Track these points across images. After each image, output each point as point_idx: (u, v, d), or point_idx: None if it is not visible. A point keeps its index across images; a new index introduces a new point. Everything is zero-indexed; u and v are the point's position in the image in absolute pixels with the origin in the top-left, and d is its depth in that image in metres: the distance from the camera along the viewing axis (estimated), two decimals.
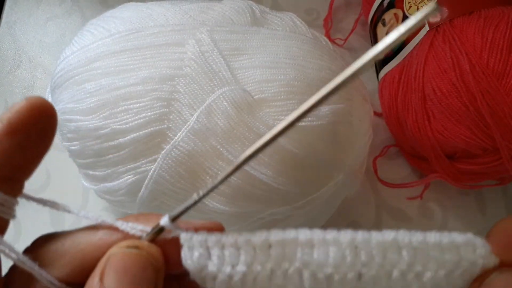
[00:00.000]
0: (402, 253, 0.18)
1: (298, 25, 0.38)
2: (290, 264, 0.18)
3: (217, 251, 0.18)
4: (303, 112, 0.16)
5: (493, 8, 0.40)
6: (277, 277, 0.18)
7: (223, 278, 0.18)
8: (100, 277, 0.16)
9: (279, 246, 0.19)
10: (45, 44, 0.56)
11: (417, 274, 0.18)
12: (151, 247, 0.18)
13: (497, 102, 0.37)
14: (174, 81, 0.33)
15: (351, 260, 0.18)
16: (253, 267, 0.18)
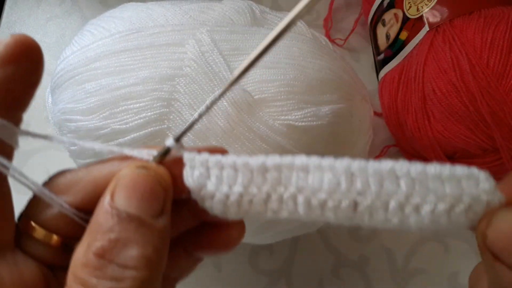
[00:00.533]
0: (400, 183, 0.17)
1: (298, 25, 0.38)
2: (286, 188, 0.18)
3: (216, 171, 0.19)
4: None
5: (493, 8, 0.40)
6: (272, 202, 0.18)
7: (220, 197, 0.18)
8: (111, 195, 0.17)
9: (276, 170, 0.19)
10: (45, 44, 0.56)
11: (415, 207, 0.17)
12: (159, 167, 0.18)
13: (497, 102, 0.37)
14: (174, 81, 0.33)
15: (346, 187, 0.18)
16: (250, 189, 0.18)
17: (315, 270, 0.45)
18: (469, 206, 0.17)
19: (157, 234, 0.17)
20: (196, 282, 0.45)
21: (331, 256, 0.45)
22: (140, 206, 0.17)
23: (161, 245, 0.17)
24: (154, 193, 0.17)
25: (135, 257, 0.16)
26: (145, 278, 0.16)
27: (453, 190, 0.17)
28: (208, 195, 0.19)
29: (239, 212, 0.19)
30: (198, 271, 0.45)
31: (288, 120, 0.33)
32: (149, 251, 0.16)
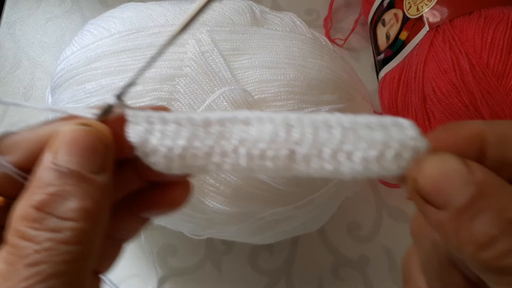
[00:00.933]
0: (333, 132, 0.18)
1: (298, 25, 0.38)
2: (228, 141, 0.19)
3: (159, 126, 0.19)
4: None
5: (493, 8, 0.40)
6: (215, 155, 0.19)
7: (163, 151, 0.19)
8: (52, 152, 0.17)
9: (219, 124, 0.19)
10: (45, 44, 0.56)
11: (348, 154, 0.18)
12: (100, 124, 0.18)
13: (497, 102, 0.37)
14: (174, 81, 0.33)
15: (284, 137, 0.18)
16: (193, 143, 0.19)
17: (315, 270, 0.45)
18: (398, 152, 0.18)
19: (97, 189, 0.17)
20: (195, 282, 0.45)
21: (331, 256, 0.45)
22: (80, 162, 0.17)
23: (101, 199, 0.17)
24: (94, 149, 0.18)
25: (74, 209, 0.16)
26: (84, 229, 0.16)
27: (382, 137, 0.18)
28: (151, 150, 0.19)
29: (183, 166, 0.19)
30: (198, 271, 0.45)
31: None
32: (89, 203, 0.17)
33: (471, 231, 0.16)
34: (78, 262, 0.16)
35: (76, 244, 0.16)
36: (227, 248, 0.46)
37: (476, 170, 0.17)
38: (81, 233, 0.16)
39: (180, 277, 0.45)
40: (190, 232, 0.39)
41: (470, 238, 0.16)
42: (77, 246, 0.16)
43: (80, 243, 0.16)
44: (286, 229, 0.37)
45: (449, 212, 0.17)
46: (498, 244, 0.16)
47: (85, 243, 0.17)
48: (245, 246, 0.45)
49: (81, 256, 0.16)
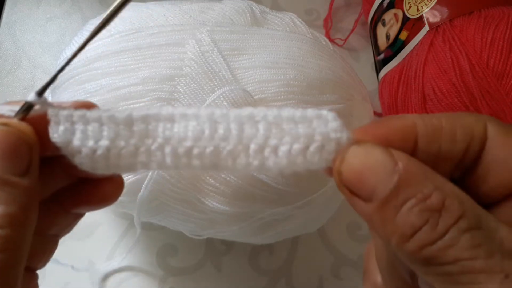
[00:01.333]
0: (258, 126, 0.18)
1: (298, 25, 0.38)
2: (154, 140, 0.19)
3: (81, 126, 0.18)
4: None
5: (493, 8, 0.40)
6: (140, 154, 0.19)
7: (86, 152, 0.18)
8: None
9: (142, 122, 0.19)
10: (45, 44, 0.56)
11: (274, 149, 0.18)
12: (21, 124, 0.18)
13: (497, 102, 0.37)
14: (174, 81, 0.33)
15: (209, 133, 0.18)
16: (116, 142, 0.18)
17: (315, 270, 0.45)
18: (322, 145, 0.18)
19: (23, 192, 0.17)
20: (195, 282, 0.45)
21: (331, 256, 0.45)
22: (2, 165, 0.16)
23: (28, 202, 0.17)
24: (17, 151, 0.17)
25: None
26: (10, 236, 0.16)
27: (306, 130, 0.18)
28: (75, 150, 0.18)
29: (108, 167, 0.19)
30: (197, 271, 0.45)
31: None
32: (14, 209, 0.16)
33: (395, 222, 0.16)
34: (5, 270, 0.16)
35: (3, 252, 0.16)
36: (227, 248, 0.46)
37: (399, 159, 0.17)
38: (7, 241, 0.16)
39: (180, 277, 0.45)
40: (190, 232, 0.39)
41: (394, 229, 0.16)
42: (3, 254, 0.16)
43: (6, 251, 0.16)
44: (286, 229, 0.37)
45: (374, 203, 0.17)
46: (420, 234, 0.16)
47: (11, 250, 0.16)
48: (245, 246, 0.45)
49: (7, 264, 0.16)
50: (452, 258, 0.16)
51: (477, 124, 0.18)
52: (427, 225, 0.16)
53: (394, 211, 0.16)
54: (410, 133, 0.18)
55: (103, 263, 0.45)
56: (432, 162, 0.18)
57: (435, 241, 0.16)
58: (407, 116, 0.19)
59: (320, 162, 0.18)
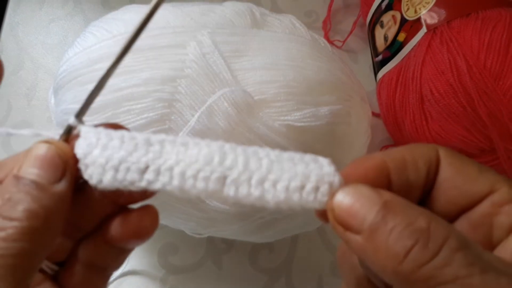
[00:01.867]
0: (262, 162, 0.20)
1: (298, 27, 0.39)
2: (165, 161, 0.20)
3: (104, 141, 0.20)
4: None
5: (491, 10, 0.40)
6: (149, 172, 0.20)
7: (100, 161, 0.20)
8: (18, 166, 0.20)
9: (159, 144, 0.21)
10: (47, 45, 0.56)
11: (273, 182, 0.20)
12: (60, 142, 0.21)
13: (494, 103, 0.37)
14: (175, 82, 0.33)
15: (218, 161, 0.20)
16: (130, 157, 0.20)
17: (314, 269, 0.45)
18: (316, 186, 0.20)
19: (50, 196, 0.19)
20: (196, 280, 0.45)
21: (330, 255, 0.46)
22: (38, 173, 0.19)
23: (52, 205, 0.19)
24: (51, 162, 0.20)
25: (20, 211, 0.18)
26: (26, 228, 0.18)
27: (303, 171, 0.20)
28: (90, 161, 0.20)
29: (115, 179, 0.20)
30: (198, 270, 0.45)
31: (287, 120, 0.33)
32: (35, 207, 0.18)
33: (387, 247, 0.17)
34: (14, 257, 0.18)
35: (16, 241, 0.18)
36: (228, 246, 0.46)
37: (383, 193, 0.19)
38: (23, 232, 0.18)
39: (181, 275, 0.45)
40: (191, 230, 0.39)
41: (388, 254, 0.17)
42: (16, 243, 0.18)
43: (20, 241, 0.18)
44: (286, 227, 0.37)
45: (365, 233, 0.18)
46: (413, 253, 0.17)
47: (26, 241, 0.18)
48: (245, 245, 0.46)
49: (18, 252, 0.18)
50: (451, 276, 0.16)
51: (431, 151, 0.21)
52: (418, 244, 0.17)
53: (385, 237, 0.18)
54: (383, 170, 0.20)
55: None
56: (404, 192, 0.20)
57: (429, 259, 0.17)
58: (376, 156, 0.21)
59: (314, 202, 0.20)
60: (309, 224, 0.39)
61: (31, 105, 0.53)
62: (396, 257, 0.17)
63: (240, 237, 0.39)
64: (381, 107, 0.47)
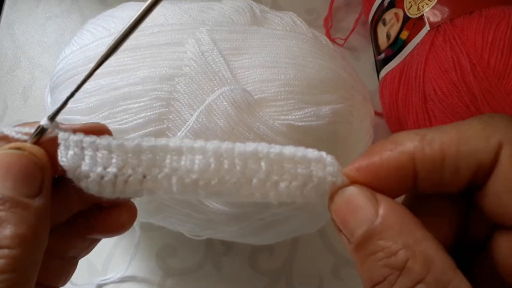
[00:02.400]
0: (261, 163, 0.20)
1: (298, 25, 0.38)
2: (160, 170, 0.20)
3: (90, 152, 0.19)
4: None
5: (494, 8, 0.40)
6: (147, 182, 0.20)
7: (94, 177, 0.19)
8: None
9: (150, 152, 0.20)
10: (44, 43, 0.56)
11: (274, 183, 0.20)
12: (33, 147, 0.19)
13: (498, 102, 0.37)
14: (173, 80, 0.33)
15: (215, 167, 0.20)
16: (124, 170, 0.19)
17: (315, 270, 0.45)
18: (318, 185, 0.20)
19: (34, 213, 0.17)
20: (195, 283, 0.45)
21: (331, 256, 0.45)
22: (14, 187, 0.17)
23: (38, 223, 0.17)
24: (29, 173, 0.18)
25: (9, 237, 0.16)
26: (19, 256, 0.16)
27: (304, 171, 0.20)
28: (82, 175, 0.19)
29: (114, 192, 0.19)
30: (198, 271, 0.45)
31: (288, 120, 0.33)
32: (23, 230, 0.17)
33: (367, 268, 0.18)
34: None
35: (11, 272, 0.16)
36: (227, 248, 0.46)
37: (381, 206, 0.18)
38: (16, 261, 0.16)
39: (180, 277, 0.45)
40: (190, 232, 0.39)
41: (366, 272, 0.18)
42: (11, 274, 0.16)
43: (14, 271, 0.16)
44: (286, 229, 0.37)
45: (352, 245, 0.18)
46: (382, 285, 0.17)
47: (20, 269, 0.17)
48: (245, 247, 0.45)
49: (17, 283, 0.16)
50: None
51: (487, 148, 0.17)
52: (385, 282, 0.17)
53: (364, 257, 0.18)
54: (407, 170, 0.18)
55: (102, 264, 0.44)
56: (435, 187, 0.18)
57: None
58: (405, 146, 0.18)
59: (316, 198, 0.20)
60: (310, 226, 0.39)
61: (27, 104, 0.53)
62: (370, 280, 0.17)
63: (239, 239, 0.39)
64: (384, 106, 0.47)
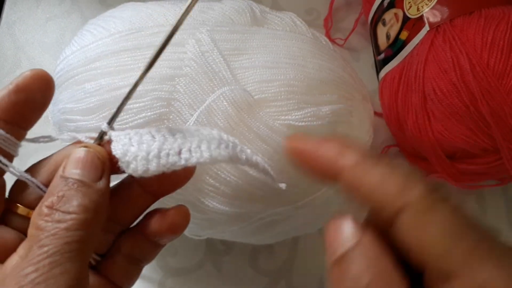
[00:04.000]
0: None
1: (298, 25, 0.38)
2: (191, 143, 0.24)
3: (137, 139, 0.24)
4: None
5: (494, 8, 0.40)
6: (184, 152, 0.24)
7: (143, 155, 0.23)
8: (63, 168, 0.23)
9: (180, 132, 0.25)
10: (44, 44, 0.56)
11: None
12: (97, 146, 0.24)
13: (498, 102, 0.37)
14: (174, 81, 0.33)
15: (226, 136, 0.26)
16: (165, 145, 0.24)
17: (315, 271, 0.45)
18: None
19: (95, 192, 0.23)
20: (195, 283, 0.45)
21: None
22: (82, 173, 0.23)
23: (99, 199, 0.23)
24: (93, 163, 0.23)
25: (75, 205, 0.22)
26: (82, 220, 0.21)
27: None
28: (132, 157, 0.23)
29: (159, 164, 0.23)
30: (198, 271, 0.45)
31: (288, 120, 0.33)
32: (86, 201, 0.22)
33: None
34: (77, 243, 0.21)
35: (76, 230, 0.21)
36: (227, 248, 0.46)
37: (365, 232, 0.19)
38: (80, 222, 0.21)
39: (180, 277, 0.45)
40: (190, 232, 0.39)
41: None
42: (76, 231, 0.21)
43: (79, 229, 0.21)
44: (287, 229, 0.37)
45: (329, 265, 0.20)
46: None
47: (83, 229, 0.21)
48: (245, 246, 0.45)
49: (79, 239, 0.21)
50: None
51: (394, 205, 0.19)
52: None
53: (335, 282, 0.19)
54: (328, 176, 0.22)
55: None
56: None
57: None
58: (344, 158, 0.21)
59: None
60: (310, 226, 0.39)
61: None
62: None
63: (239, 238, 0.39)
64: (383, 106, 0.47)
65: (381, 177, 0.19)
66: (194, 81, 0.33)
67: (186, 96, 0.33)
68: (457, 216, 0.18)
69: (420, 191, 0.18)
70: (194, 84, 0.33)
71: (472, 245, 0.17)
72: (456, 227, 0.17)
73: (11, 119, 0.24)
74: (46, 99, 0.25)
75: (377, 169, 0.19)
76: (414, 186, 0.19)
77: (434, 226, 0.18)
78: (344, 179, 0.20)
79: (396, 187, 0.19)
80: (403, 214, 0.18)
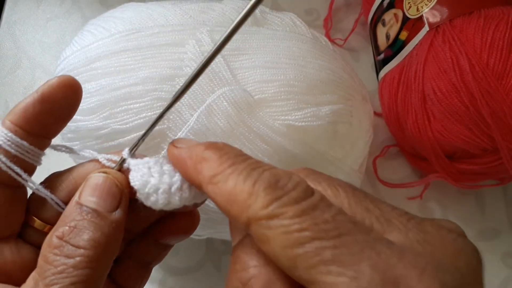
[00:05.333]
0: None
1: (298, 25, 0.38)
2: None
3: (157, 169, 0.23)
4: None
5: (493, 8, 0.40)
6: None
7: (164, 187, 0.22)
8: (79, 194, 0.22)
9: None
10: (45, 44, 0.56)
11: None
12: (117, 173, 0.23)
13: (497, 102, 0.37)
14: (174, 81, 0.33)
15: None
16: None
17: None
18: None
19: (109, 224, 0.21)
20: (195, 282, 0.45)
21: None
22: (98, 202, 0.22)
23: (112, 233, 0.21)
24: (110, 192, 0.22)
25: (85, 240, 0.20)
26: (92, 256, 0.20)
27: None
28: (152, 189, 0.22)
29: (181, 199, 0.22)
30: (198, 271, 0.45)
31: (288, 120, 0.33)
32: (98, 235, 0.21)
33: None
34: (83, 284, 0.20)
35: (83, 268, 0.20)
36: (228, 248, 0.46)
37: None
38: (89, 259, 0.20)
39: (180, 276, 0.45)
40: None
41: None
42: (84, 270, 0.20)
43: (87, 268, 0.20)
44: None
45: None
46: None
47: (91, 267, 0.20)
48: None
49: (86, 279, 0.20)
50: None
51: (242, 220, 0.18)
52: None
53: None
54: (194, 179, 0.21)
55: None
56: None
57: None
58: (207, 164, 0.20)
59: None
60: None
61: None
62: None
63: None
64: (383, 107, 0.47)
65: (232, 189, 0.18)
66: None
67: (186, 96, 0.33)
68: (298, 221, 0.16)
69: (262, 203, 0.17)
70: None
71: (313, 252, 0.16)
72: (294, 236, 0.16)
73: (35, 130, 0.22)
74: (73, 108, 0.24)
75: (230, 179, 0.18)
76: (256, 197, 0.17)
77: (274, 239, 0.16)
78: (206, 192, 0.19)
79: (242, 198, 0.17)
80: (250, 228, 0.17)
